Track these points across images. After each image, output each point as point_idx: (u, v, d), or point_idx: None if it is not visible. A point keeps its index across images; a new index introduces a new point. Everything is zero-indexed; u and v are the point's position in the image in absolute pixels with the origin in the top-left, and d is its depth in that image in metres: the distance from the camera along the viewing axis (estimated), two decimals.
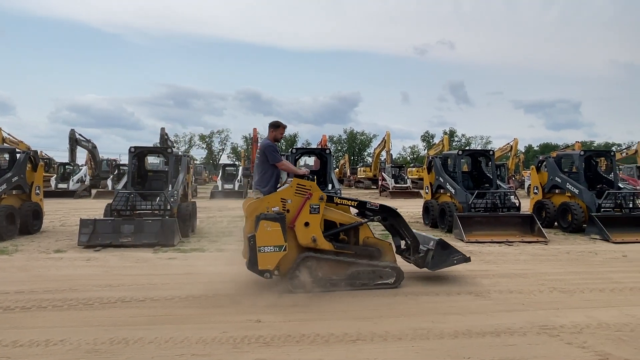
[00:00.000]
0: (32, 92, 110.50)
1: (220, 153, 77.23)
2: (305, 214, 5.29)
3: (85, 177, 25.40)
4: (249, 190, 26.79)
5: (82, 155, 30.91)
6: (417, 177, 31.82)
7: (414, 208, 15.44)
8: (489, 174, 12.11)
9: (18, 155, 10.45)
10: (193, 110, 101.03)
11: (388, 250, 5.66)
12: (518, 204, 11.07)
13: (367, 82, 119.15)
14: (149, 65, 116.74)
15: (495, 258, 7.73)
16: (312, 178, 5.52)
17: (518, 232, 10.03)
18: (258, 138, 36.66)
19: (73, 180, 23.89)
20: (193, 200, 12.24)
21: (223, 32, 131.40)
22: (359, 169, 39.82)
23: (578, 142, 31.87)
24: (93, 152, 30.37)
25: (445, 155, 13.01)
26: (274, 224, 5.00)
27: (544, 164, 12.27)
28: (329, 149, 13.25)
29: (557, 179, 11.71)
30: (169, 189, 9.90)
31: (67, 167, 26.04)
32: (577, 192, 11.03)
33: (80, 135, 28.54)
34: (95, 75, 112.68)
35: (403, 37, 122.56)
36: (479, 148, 62.65)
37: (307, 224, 5.29)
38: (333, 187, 11.82)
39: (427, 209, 12.47)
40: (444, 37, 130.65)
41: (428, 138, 75.70)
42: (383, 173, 28.84)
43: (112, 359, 3.49)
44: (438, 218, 11.57)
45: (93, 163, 30.79)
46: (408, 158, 74.95)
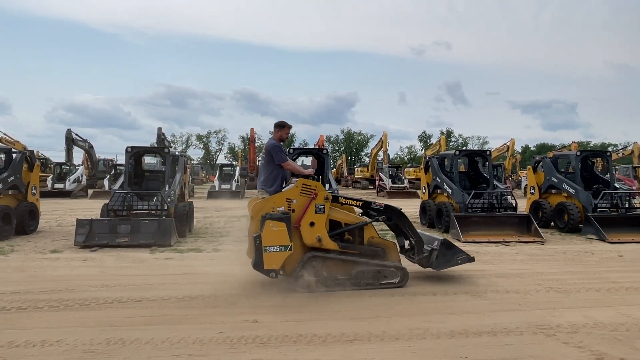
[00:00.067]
0: (28, 91, 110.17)
1: (218, 153, 77.08)
2: (311, 214, 5.30)
3: (82, 177, 25.30)
4: (246, 190, 26.90)
5: (78, 155, 30.97)
6: (414, 177, 31.79)
7: (411, 208, 15.40)
8: (486, 174, 12.16)
9: (14, 155, 10.43)
10: (190, 110, 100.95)
11: (393, 250, 5.68)
12: (515, 204, 11.11)
13: (364, 82, 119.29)
14: (146, 65, 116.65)
15: (492, 258, 7.75)
16: (317, 178, 5.53)
17: (515, 232, 10.05)
18: (255, 138, 36.91)
19: (69, 180, 23.82)
20: (190, 201, 12.22)
21: (220, 32, 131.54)
22: (356, 169, 39.86)
23: (575, 142, 32.05)
24: (90, 152, 30.32)
25: (443, 156, 13.02)
26: (280, 224, 5.01)
27: (541, 164, 12.32)
28: (326, 149, 13.24)
29: (553, 179, 11.75)
30: (166, 189, 9.87)
31: (63, 167, 25.98)
32: (573, 192, 11.07)
33: (77, 135, 28.51)
34: (92, 75, 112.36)
35: (400, 37, 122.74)
36: (476, 148, 63.06)
37: (312, 224, 5.29)
38: (330, 187, 11.80)
39: (424, 209, 12.49)
40: (441, 37, 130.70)
41: (425, 138, 75.82)
42: (380, 173, 28.90)
43: None
44: (435, 218, 11.59)
45: (90, 163, 30.75)
46: (405, 158, 74.99)
